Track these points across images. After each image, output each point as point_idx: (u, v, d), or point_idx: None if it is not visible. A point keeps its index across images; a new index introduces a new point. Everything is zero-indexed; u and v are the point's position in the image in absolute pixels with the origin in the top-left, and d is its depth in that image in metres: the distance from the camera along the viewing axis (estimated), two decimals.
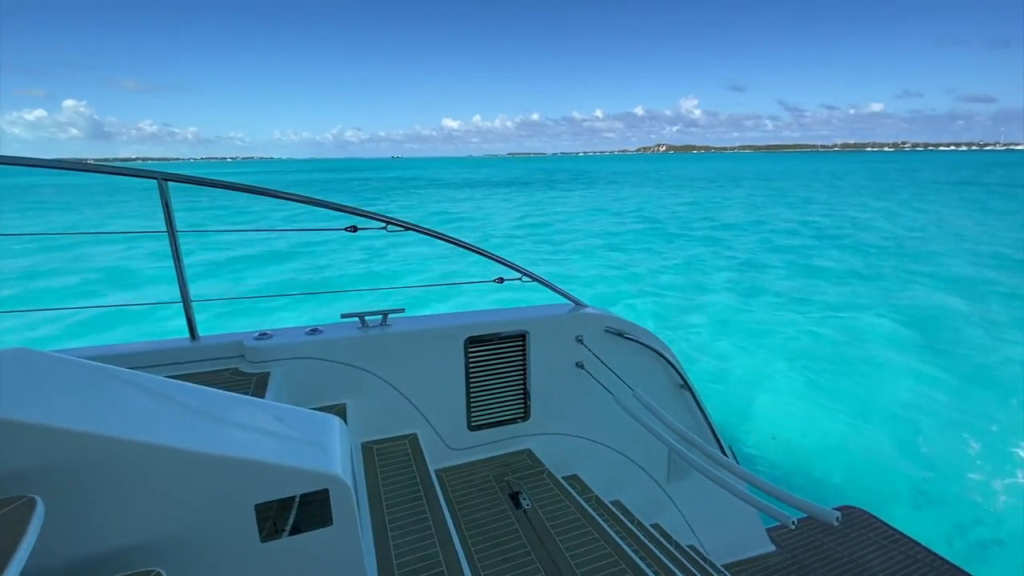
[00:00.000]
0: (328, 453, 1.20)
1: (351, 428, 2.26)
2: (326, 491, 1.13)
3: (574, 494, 2.39)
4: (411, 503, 2.03)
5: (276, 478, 1.09)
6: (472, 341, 2.58)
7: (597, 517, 2.22)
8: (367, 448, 2.42)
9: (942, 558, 3.70)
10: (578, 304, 2.90)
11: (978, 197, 37.00)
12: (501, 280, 2.68)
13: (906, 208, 31.44)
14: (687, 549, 3.14)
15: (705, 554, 3.32)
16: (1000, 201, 34.28)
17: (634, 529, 2.53)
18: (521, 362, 2.73)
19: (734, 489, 1.87)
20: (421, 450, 2.41)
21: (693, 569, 2.63)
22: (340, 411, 2.33)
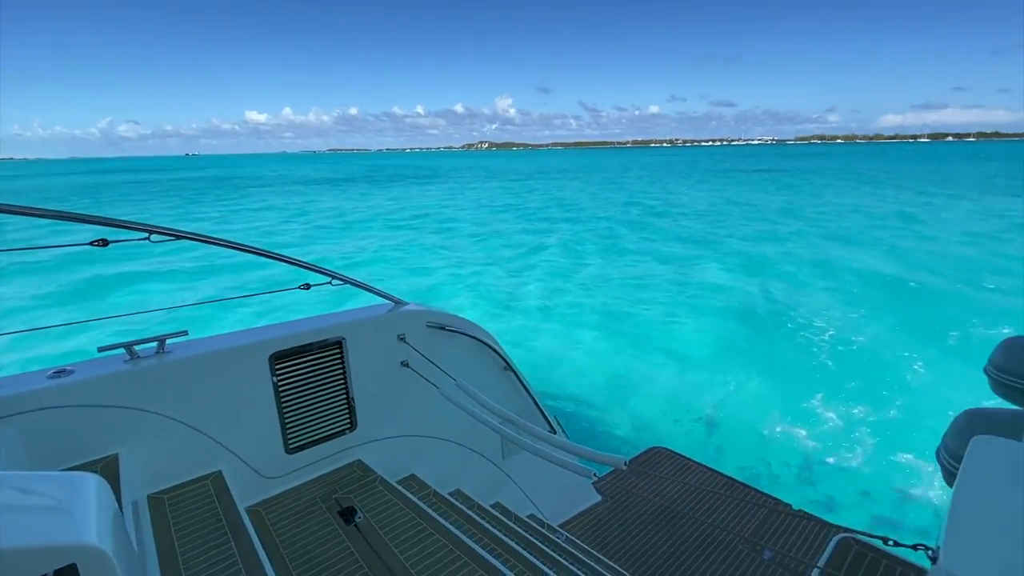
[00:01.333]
0: (74, 520, 0.98)
1: (130, 481, 1.88)
2: (73, 567, 0.92)
3: (409, 495, 2.35)
4: (216, 551, 1.77)
5: None
6: (278, 356, 2.34)
7: (434, 513, 2.22)
8: (155, 500, 2.04)
9: (727, 476, 4.58)
10: (398, 302, 2.83)
11: (724, 180, 54.30)
12: (307, 286, 2.48)
13: (670, 191, 43.60)
14: (527, 520, 3.34)
15: (544, 519, 3.58)
16: (730, 182, 52.16)
17: (473, 515, 2.59)
18: (340, 370, 2.57)
19: (551, 457, 2.03)
20: (228, 488, 2.12)
21: (531, 537, 2.81)
22: (110, 464, 1.92)
